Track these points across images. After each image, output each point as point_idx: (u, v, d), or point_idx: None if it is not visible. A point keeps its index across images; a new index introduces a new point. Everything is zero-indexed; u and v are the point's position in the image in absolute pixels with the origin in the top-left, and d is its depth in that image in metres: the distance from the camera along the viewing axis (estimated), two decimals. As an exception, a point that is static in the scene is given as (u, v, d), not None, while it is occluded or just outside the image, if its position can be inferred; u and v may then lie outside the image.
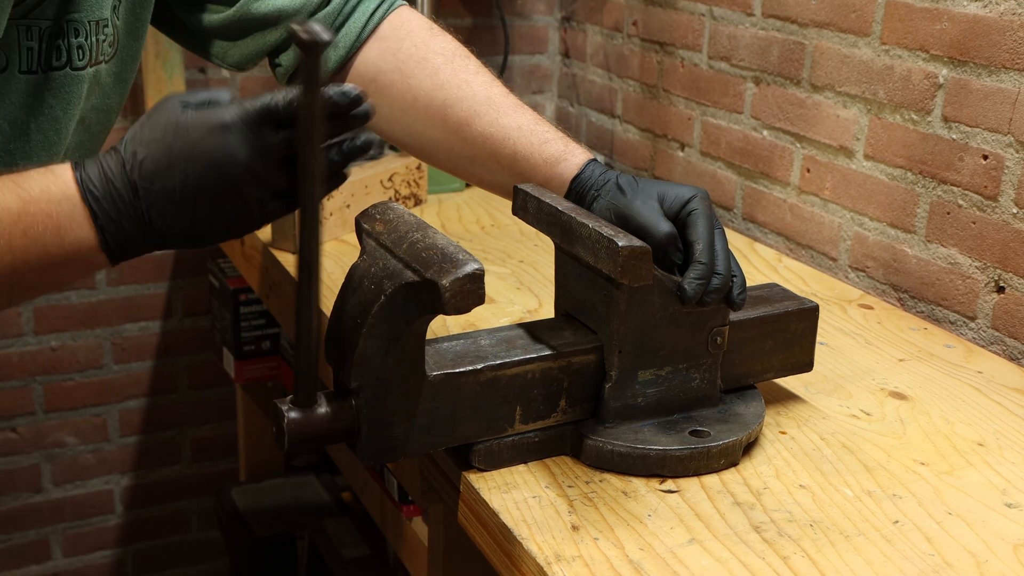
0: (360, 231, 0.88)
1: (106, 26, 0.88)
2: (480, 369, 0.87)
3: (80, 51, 0.86)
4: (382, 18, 1.06)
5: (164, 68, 1.83)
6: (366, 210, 0.89)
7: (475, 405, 0.88)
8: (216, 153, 0.73)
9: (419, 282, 0.79)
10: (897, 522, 0.85)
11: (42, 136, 0.87)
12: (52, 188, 0.72)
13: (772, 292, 1.04)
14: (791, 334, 1.01)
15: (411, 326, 0.81)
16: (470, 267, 0.78)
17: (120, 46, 0.92)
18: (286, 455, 0.87)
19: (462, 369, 0.86)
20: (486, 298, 0.79)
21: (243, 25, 1.02)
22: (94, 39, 0.87)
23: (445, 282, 0.77)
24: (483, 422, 0.89)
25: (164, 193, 0.73)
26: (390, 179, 1.61)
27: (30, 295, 0.77)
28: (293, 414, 0.82)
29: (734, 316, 0.97)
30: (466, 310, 0.78)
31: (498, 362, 0.88)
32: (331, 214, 1.49)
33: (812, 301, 1.03)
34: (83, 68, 0.87)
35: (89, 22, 0.86)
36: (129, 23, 0.93)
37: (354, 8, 1.05)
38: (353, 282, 0.84)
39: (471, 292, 0.78)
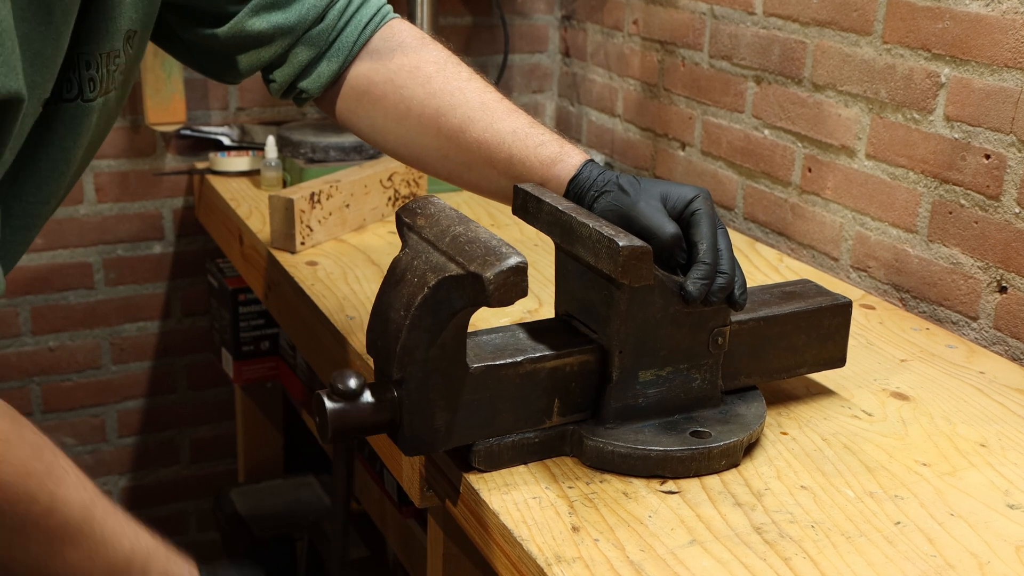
0: (401, 225, 0.90)
1: (117, 56, 0.88)
2: (520, 361, 0.88)
3: (91, 83, 0.85)
4: (374, 31, 1.06)
5: (163, 68, 1.83)
6: (407, 204, 0.91)
7: (514, 397, 0.89)
8: None
9: (463, 275, 0.80)
10: (899, 523, 0.85)
11: (51, 164, 0.87)
12: None
13: (805, 288, 1.06)
14: (825, 330, 1.03)
15: (453, 319, 0.83)
16: (513, 260, 0.79)
17: (128, 72, 0.92)
18: (329, 442, 0.88)
19: (502, 361, 0.88)
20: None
21: (238, 42, 1.02)
22: (105, 70, 0.86)
23: (489, 275, 0.78)
24: (522, 414, 0.90)
25: None
26: (389, 179, 1.61)
27: None
28: (335, 404, 0.83)
29: (768, 311, 0.99)
30: (509, 302, 0.80)
31: (537, 355, 0.89)
32: (330, 214, 1.49)
33: (845, 297, 1.04)
34: (94, 100, 0.86)
35: (100, 54, 0.85)
36: (139, 48, 0.93)
37: (347, 22, 1.05)
38: (395, 275, 0.85)
39: (514, 285, 0.79)
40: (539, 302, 1.28)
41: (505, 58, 2.04)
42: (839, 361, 1.05)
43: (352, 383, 0.84)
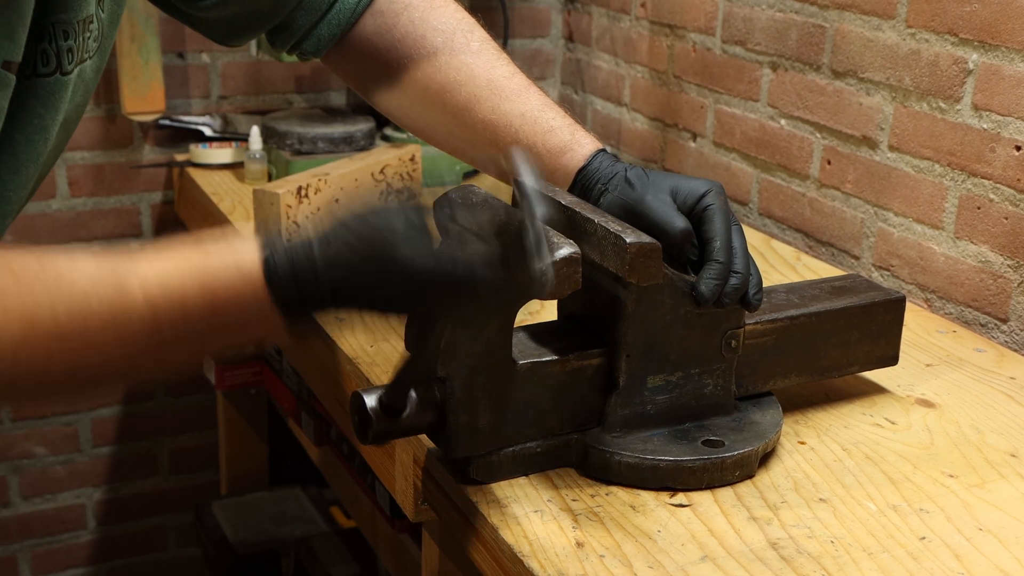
0: (440, 215, 0.90)
1: (91, 22, 0.87)
2: (568, 358, 0.89)
3: (70, 54, 0.85)
4: None
5: (140, 53, 1.83)
6: (445, 193, 0.92)
7: (560, 395, 0.89)
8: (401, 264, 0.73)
9: None
10: (924, 538, 0.85)
11: (31, 147, 0.86)
12: (240, 289, 0.73)
13: (856, 282, 1.07)
14: (877, 326, 1.04)
15: (500, 313, 0.83)
16: (566, 250, 0.80)
17: (103, 38, 0.92)
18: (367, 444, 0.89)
19: (550, 358, 0.88)
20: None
21: (234, 15, 1.03)
22: (81, 39, 0.86)
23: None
24: (569, 413, 0.90)
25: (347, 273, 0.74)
26: (381, 171, 1.61)
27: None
28: (377, 405, 0.84)
29: (819, 306, 1.00)
30: (563, 295, 0.81)
31: (584, 351, 0.90)
32: (319, 209, 1.49)
33: (899, 292, 1.06)
34: (71, 72, 0.86)
35: (76, 22, 0.85)
36: (111, 12, 0.92)
37: None
38: None
39: (568, 276, 0.80)
40: (541, 303, 1.28)
41: (505, 43, 2.04)
42: (892, 359, 1.07)
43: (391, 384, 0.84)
